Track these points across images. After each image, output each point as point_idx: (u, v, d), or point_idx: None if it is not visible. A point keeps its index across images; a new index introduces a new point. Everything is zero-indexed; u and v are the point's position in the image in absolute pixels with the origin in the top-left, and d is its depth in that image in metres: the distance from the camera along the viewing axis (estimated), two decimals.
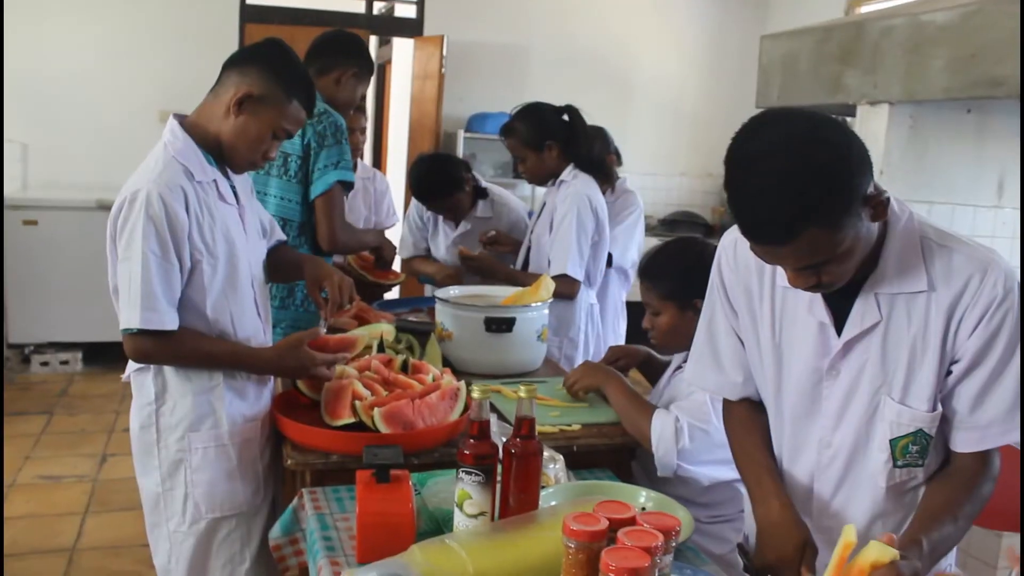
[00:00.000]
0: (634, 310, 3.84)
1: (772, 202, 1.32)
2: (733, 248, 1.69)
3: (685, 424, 2.05)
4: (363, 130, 4.28)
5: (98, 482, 4.14)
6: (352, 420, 2.00)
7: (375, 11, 7.06)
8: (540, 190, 3.66)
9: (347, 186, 2.79)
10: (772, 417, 1.71)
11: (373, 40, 7.97)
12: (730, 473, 2.08)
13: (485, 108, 6.80)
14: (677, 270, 2.26)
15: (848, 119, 4.40)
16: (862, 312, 1.51)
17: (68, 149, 6.16)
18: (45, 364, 5.78)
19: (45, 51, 6.13)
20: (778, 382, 1.65)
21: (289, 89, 2.02)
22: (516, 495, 1.58)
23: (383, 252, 3.19)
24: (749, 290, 1.66)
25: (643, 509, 1.82)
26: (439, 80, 6.51)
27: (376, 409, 1.95)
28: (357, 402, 2.00)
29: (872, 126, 3.83)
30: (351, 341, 2.29)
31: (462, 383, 2.12)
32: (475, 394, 1.55)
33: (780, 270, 1.55)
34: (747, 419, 1.75)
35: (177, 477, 2.02)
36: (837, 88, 3.98)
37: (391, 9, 7.32)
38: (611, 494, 1.84)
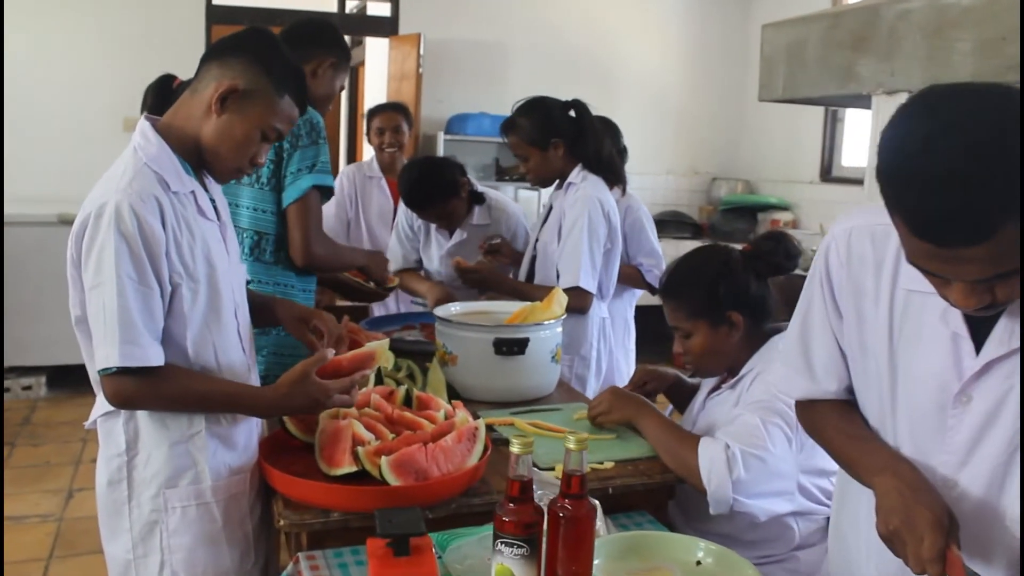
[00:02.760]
0: (641, 322, 3.60)
1: (965, 191, 1.05)
2: (847, 239, 1.43)
3: (738, 451, 1.79)
4: (397, 129, 4.00)
5: (63, 521, 3.80)
6: (354, 469, 1.72)
7: (347, 10, 6.76)
8: (546, 194, 3.38)
9: (325, 192, 2.46)
10: None
11: (346, 40, 7.68)
12: (787, 506, 1.86)
13: (465, 109, 6.57)
14: (704, 283, 2.04)
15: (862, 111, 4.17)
16: (1010, 328, 1.23)
17: (26, 160, 5.77)
18: (6, 391, 5.41)
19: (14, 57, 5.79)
20: (891, 404, 1.39)
21: (279, 83, 1.75)
22: (566, 566, 1.30)
23: (370, 271, 2.85)
24: (861, 290, 1.40)
25: (698, 563, 1.57)
26: (416, 81, 6.24)
27: (383, 457, 1.67)
28: (359, 448, 1.73)
29: (889, 116, 3.59)
30: (367, 355, 2.00)
31: (480, 421, 1.84)
32: (515, 448, 1.27)
33: (905, 269, 1.29)
34: (841, 407, 1.50)
35: (151, 542, 1.72)
36: (849, 77, 3.74)
37: (363, 8, 7.04)
38: (663, 548, 1.60)
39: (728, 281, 2.04)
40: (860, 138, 6.49)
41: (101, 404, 1.70)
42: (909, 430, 1.36)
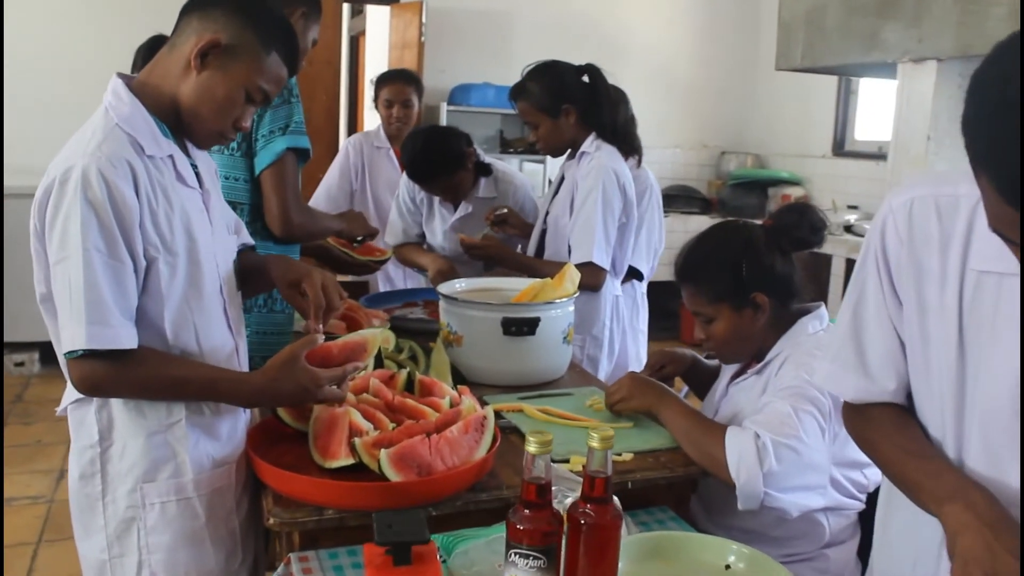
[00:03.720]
0: (652, 299, 3.44)
1: None
2: (907, 212, 1.24)
3: (768, 441, 1.63)
4: (406, 103, 3.80)
5: (54, 503, 3.67)
6: (351, 461, 1.57)
7: None
8: (553, 167, 3.21)
9: (301, 155, 2.26)
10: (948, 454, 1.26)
11: (346, 9, 7.48)
12: (819, 500, 1.70)
13: (468, 79, 6.36)
14: (725, 263, 1.88)
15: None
16: None
17: (17, 131, 5.57)
18: None
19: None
20: (957, 406, 1.20)
21: (266, 37, 1.58)
22: None
23: (352, 231, 2.64)
24: (924, 270, 1.22)
25: (728, 567, 1.43)
26: (419, 50, 6.04)
27: (383, 450, 1.52)
28: (356, 439, 1.57)
29: (916, 86, 3.42)
30: (359, 345, 1.82)
31: (489, 409, 1.69)
32: (531, 447, 1.12)
33: (978, 246, 1.13)
34: (898, 416, 1.31)
35: (128, 541, 1.57)
36: (873, 44, 3.57)
37: None
38: (690, 550, 1.47)
39: (751, 260, 1.88)
40: (875, 110, 6.30)
41: (71, 390, 1.55)
42: (980, 437, 1.18)
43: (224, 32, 1.54)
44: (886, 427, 1.31)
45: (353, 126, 7.92)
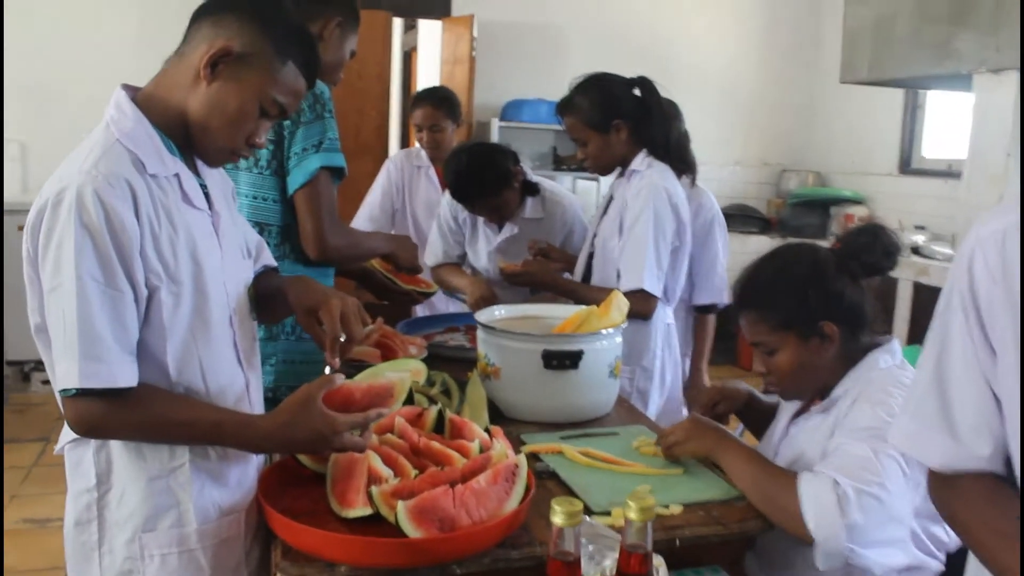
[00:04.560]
0: None
1: None
2: (999, 244, 1.05)
3: (850, 490, 1.46)
4: (434, 128, 3.67)
5: None
6: (368, 512, 1.43)
7: None
8: (606, 184, 3.05)
9: (336, 173, 2.13)
10: None
11: (398, 24, 7.42)
12: (902, 558, 1.52)
13: (520, 94, 6.25)
14: (790, 289, 1.72)
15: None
16: None
17: (70, 148, 5.57)
18: (46, 383, 5.25)
19: (42, 43, 5.57)
20: None
21: (282, 46, 1.45)
22: None
23: (398, 259, 2.49)
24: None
25: None
26: (470, 64, 5.94)
27: (400, 503, 1.36)
28: (374, 488, 1.43)
29: (994, 98, 3.19)
30: (386, 390, 1.63)
31: (521, 456, 1.53)
32: (557, 519, 0.96)
33: None
34: (993, 489, 1.11)
35: None
36: (946, 54, 3.35)
37: None
38: None
39: (820, 285, 1.71)
40: (944, 125, 6.03)
41: (69, 429, 1.42)
42: None
43: (237, 39, 1.41)
44: (978, 503, 1.11)
45: (405, 143, 7.85)
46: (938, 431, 1.13)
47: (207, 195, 1.51)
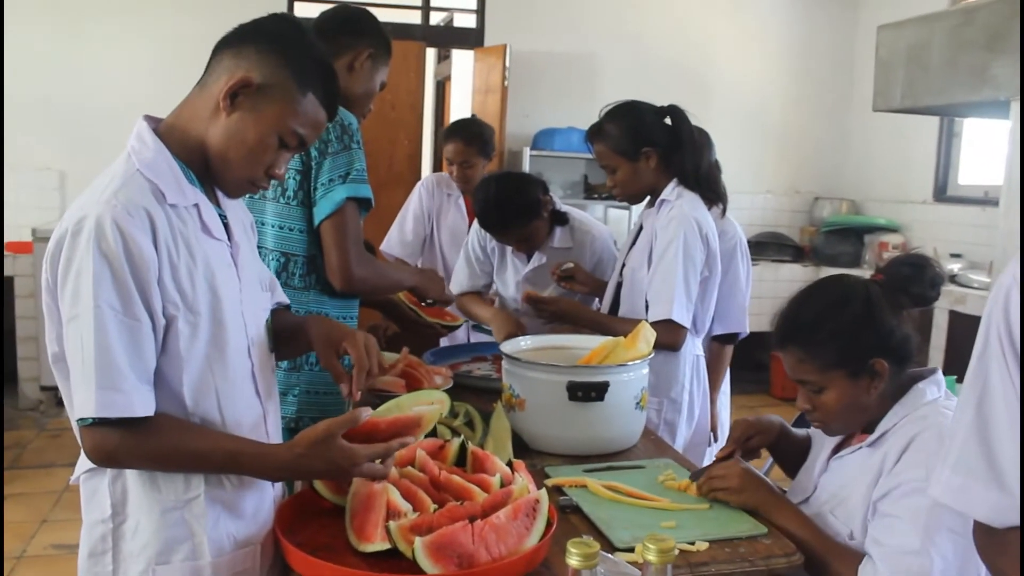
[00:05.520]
0: (740, 350, 3.21)
1: None
2: None
3: None
4: (464, 164, 3.66)
5: None
6: (386, 547, 1.40)
7: (432, 22, 6.52)
8: (636, 213, 3.02)
9: (363, 204, 2.13)
10: None
11: (431, 54, 7.47)
12: None
13: (552, 123, 6.26)
14: (840, 328, 1.65)
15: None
16: None
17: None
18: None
19: (84, 74, 5.71)
20: None
21: (302, 78, 1.45)
22: None
23: (424, 292, 2.47)
24: None
25: None
26: (502, 94, 5.95)
27: (418, 539, 1.34)
28: (392, 523, 1.40)
29: None
30: (413, 422, 1.61)
31: (543, 492, 1.50)
32: (573, 561, 0.93)
33: None
34: None
35: None
36: (983, 81, 3.30)
37: (450, 20, 6.80)
38: None
39: (871, 324, 1.64)
40: (981, 153, 5.95)
41: (85, 458, 1.41)
42: None
43: (257, 70, 1.41)
44: None
45: (438, 171, 7.88)
46: (983, 483, 1.07)
47: (227, 226, 1.51)
